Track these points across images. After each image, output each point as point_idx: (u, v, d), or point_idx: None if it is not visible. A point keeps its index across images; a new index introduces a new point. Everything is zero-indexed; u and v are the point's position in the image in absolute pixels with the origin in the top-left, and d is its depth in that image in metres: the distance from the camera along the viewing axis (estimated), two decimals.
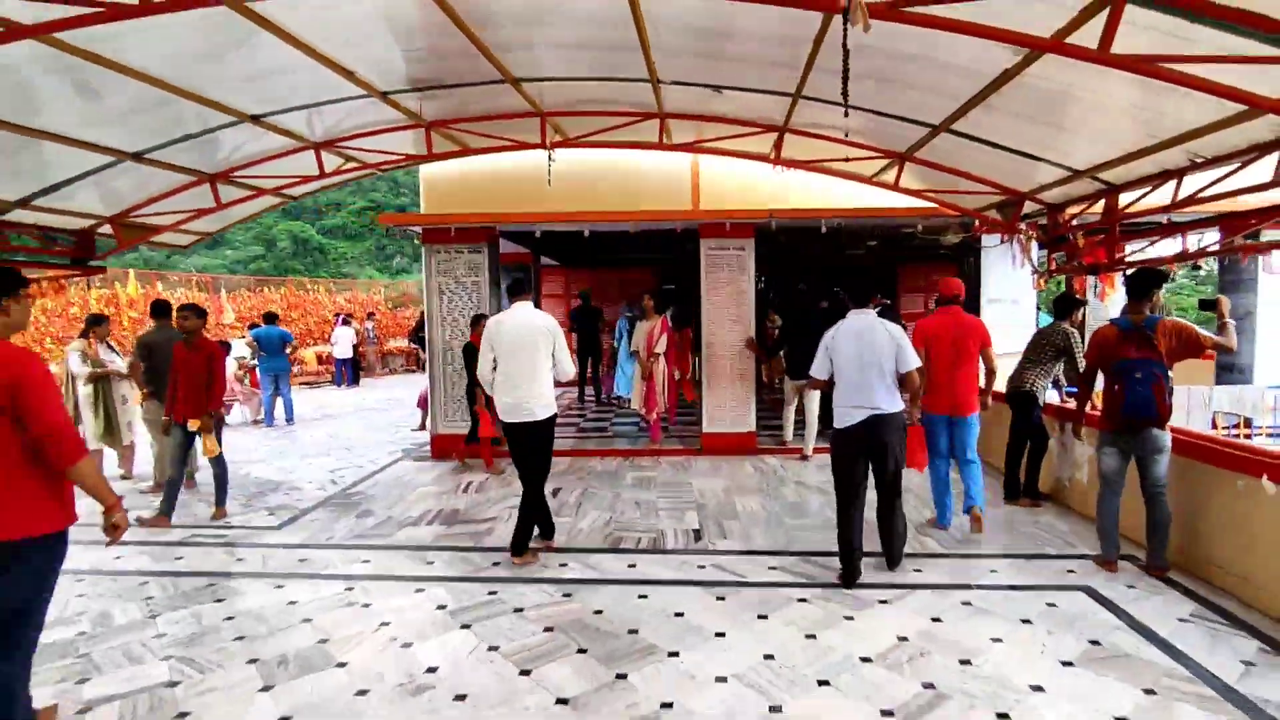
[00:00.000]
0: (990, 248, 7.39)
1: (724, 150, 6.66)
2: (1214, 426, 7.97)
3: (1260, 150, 3.62)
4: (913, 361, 4.21)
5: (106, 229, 6.62)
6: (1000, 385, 5.64)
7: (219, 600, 4.12)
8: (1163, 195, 4.82)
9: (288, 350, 10.80)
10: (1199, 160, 4.18)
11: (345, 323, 16.43)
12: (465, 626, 3.71)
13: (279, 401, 10.62)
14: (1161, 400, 3.92)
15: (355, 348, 16.56)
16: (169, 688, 3.14)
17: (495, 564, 4.62)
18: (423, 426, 9.45)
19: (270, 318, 10.84)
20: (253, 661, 3.37)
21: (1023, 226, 6.54)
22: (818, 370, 4.41)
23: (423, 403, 9.74)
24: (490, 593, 4.15)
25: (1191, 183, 4.60)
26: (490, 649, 3.45)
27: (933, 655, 3.32)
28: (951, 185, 6.26)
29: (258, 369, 10.79)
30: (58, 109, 4.57)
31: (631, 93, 5.67)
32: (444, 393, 8.11)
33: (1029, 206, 6.17)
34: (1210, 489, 4.14)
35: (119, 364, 7.16)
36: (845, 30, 2.91)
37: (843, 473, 4.29)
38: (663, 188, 7.84)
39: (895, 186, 6.46)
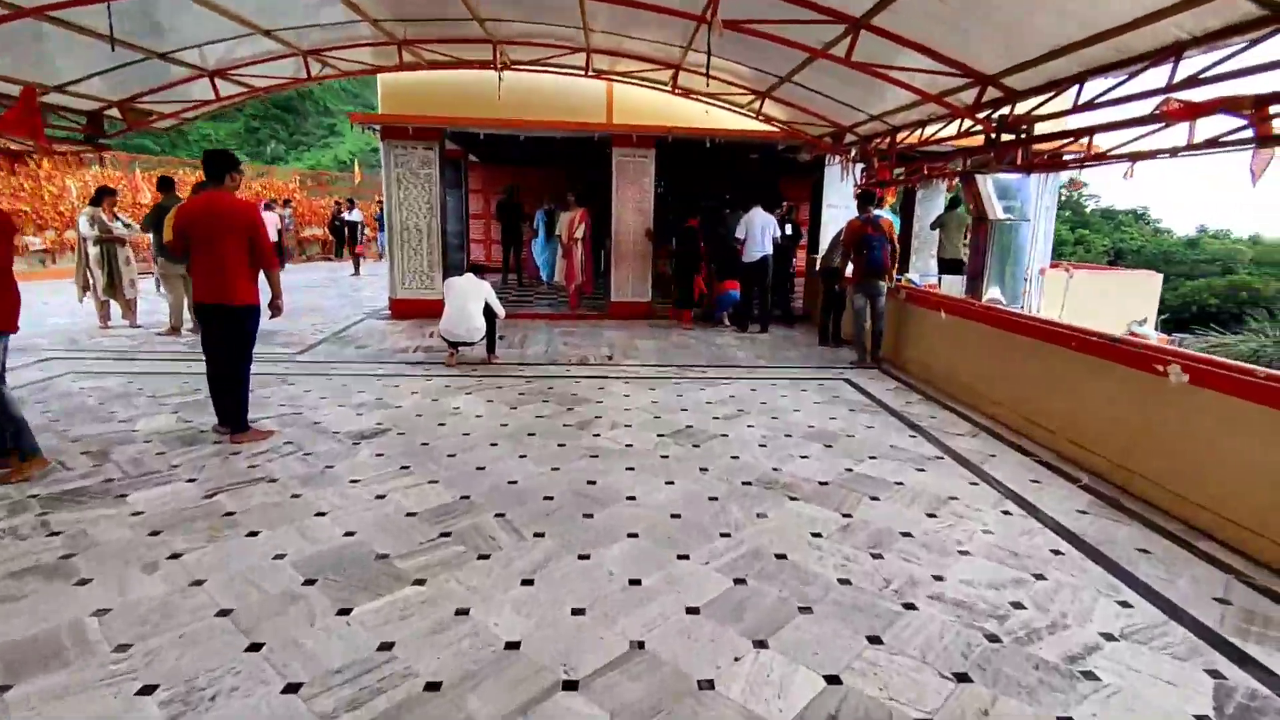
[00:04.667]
0: (830, 166, 9.88)
1: (634, 78, 8.65)
2: None
3: (949, 117, 6.15)
4: (778, 233, 8.63)
5: (114, 112, 7.85)
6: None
7: (289, 385, 6.10)
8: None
9: None
10: (935, 117, 6.69)
11: (268, 208, 17.21)
12: (468, 393, 5.95)
13: None
14: (886, 262, 6.57)
15: (280, 233, 17.41)
16: (302, 400, 5.21)
17: (474, 369, 6.82)
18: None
19: None
20: (343, 405, 5.47)
21: (852, 152, 9.03)
22: (739, 233, 8.80)
23: None
24: (476, 380, 6.38)
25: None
26: (488, 401, 5.72)
27: (744, 399, 5.92)
28: (801, 118, 8.60)
29: None
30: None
31: (566, 33, 7.50)
32: (402, 265, 9.89)
33: (851, 137, 8.63)
34: (910, 318, 6.94)
35: (122, 231, 8.50)
36: (709, 36, 5.03)
37: (746, 285, 9.15)
38: (583, 103, 9.73)
39: (759, 115, 8.73)
